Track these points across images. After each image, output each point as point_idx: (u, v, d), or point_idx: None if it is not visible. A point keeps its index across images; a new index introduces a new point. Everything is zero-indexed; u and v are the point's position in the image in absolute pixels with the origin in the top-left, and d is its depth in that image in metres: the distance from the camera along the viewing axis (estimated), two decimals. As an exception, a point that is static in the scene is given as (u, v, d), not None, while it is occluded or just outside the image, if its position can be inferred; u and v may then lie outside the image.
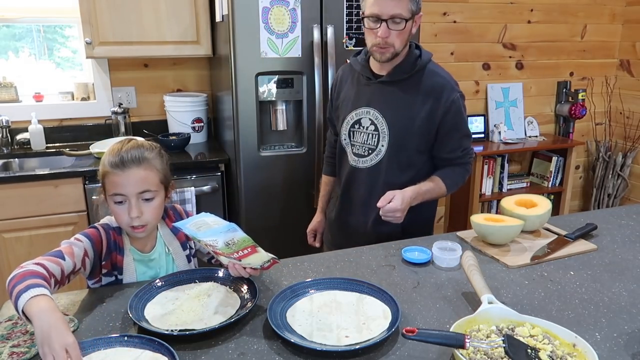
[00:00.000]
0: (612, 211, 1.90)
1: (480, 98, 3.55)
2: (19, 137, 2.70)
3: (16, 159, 2.64)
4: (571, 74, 3.76)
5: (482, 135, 3.51)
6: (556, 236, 1.60)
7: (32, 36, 2.88)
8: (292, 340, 1.04)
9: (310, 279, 1.29)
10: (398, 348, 1.05)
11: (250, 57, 2.28)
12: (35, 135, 2.67)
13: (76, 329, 1.12)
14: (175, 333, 1.08)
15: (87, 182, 2.36)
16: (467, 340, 0.94)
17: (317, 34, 2.32)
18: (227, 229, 1.14)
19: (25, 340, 1.09)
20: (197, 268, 1.45)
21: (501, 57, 3.52)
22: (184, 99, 2.83)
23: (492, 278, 1.34)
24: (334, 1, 2.33)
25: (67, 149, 2.68)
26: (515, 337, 1.00)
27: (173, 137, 2.79)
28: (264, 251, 1.20)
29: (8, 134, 2.67)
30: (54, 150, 2.71)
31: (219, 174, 2.57)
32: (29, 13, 2.75)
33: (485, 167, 3.37)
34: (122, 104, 2.83)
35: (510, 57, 3.55)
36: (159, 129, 2.89)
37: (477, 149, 3.29)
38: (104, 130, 2.85)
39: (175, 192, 2.33)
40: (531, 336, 1.02)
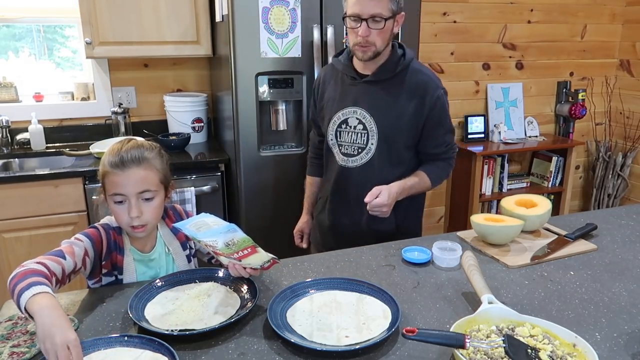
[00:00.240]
0: (612, 211, 1.90)
1: (480, 98, 3.55)
2: (19, 137, 2.70)
3: (16, 159, 2.64)
4: (571, 74, 3.76)
5: (482, 135, 3.51)
6: (556, 236, 1.60)
7: (32, 36, 2.88)
8: (292, 340, 1.04)
9: (310, 279, 1.29)
10: (398, 348, 1.05)
11: (250, 57, 2.28)
12: (35, 135, 2.67)
13: (76, 329, 1.12)
14: (175, 333, 1.08)
15: (87, 182, 2.36)
16: (467, 340, 0.94)
17: (317, 34, 2.33)
18: (227, 230, 1.14)
19: (26, 340, 1.09)
20: (197, 268, 1.45)
21: (501, 57, 3.52)
22: (184, 99, 2.84)
23: (492, 278, 1.34)
24: (334, 1, 2.33)
25: (67, 149, 2.68)
26: (515, 337, 1.00)
27: (173, 137, 2.79)
28: (264, 251, 1.20)
29: (8, 134, 2.67)
30: (54, 150, 2.71)
31: (219, 174, 2.57)
32: (29, 13, 2.75)
33: (485, 167, 3.37)
34: (122, 104, 2.83)
35: (510, 57, 3.54)
36: (159, 129, 2.89)
37: (477, 149, 3.29)
38: (104, 130, 2.85)
39: (175, 192, 2.33)
40: (531, 336, 1.02)
